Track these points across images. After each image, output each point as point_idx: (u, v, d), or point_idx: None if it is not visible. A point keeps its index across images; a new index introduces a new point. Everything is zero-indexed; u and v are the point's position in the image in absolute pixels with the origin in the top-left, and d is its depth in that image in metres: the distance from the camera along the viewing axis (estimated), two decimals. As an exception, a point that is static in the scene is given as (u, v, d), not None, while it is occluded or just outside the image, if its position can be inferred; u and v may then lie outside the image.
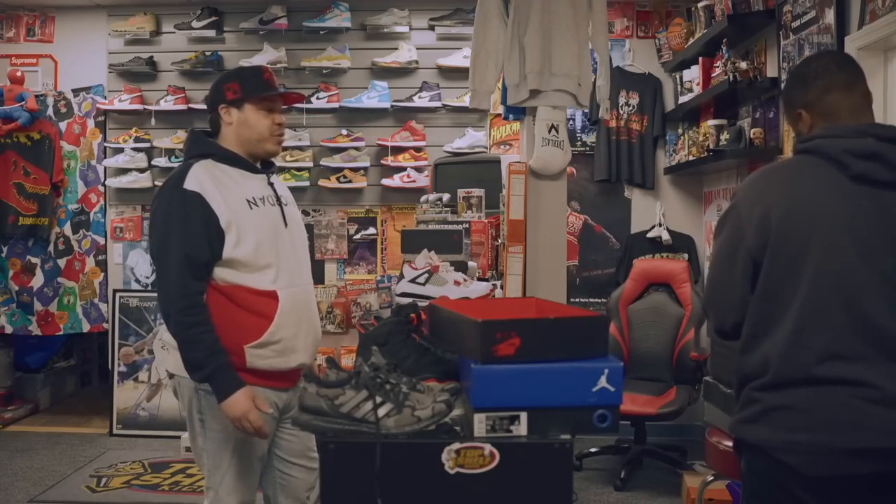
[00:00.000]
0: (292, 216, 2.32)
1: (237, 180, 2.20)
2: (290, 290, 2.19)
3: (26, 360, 5.42)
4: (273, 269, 2.16)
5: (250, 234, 2.13)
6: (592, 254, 5.01)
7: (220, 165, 2.20)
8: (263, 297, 2.13)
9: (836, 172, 1.65)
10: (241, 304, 2.12)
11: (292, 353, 2.19)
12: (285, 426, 2.30)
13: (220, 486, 2.20)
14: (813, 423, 1.57)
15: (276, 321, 2.13)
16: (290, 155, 4.95)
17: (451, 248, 2.88)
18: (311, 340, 2.27)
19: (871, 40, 2.82)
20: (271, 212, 2.23)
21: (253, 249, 2.12)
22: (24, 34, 5.22)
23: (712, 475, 2.92)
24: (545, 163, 2.80)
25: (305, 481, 2.36)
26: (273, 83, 2.28)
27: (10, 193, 4.99)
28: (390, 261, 5.04)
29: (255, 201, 2.19)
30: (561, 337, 1.59)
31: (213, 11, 5.01)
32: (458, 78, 4.90)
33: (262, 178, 2.28)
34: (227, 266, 2.12)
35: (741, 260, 1.69)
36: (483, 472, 1.54)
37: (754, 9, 3.75)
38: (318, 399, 1.59)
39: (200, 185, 2.12)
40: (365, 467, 1.53)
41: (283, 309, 2.14)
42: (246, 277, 2.13)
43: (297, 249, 2.29)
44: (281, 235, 2.22)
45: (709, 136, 4.13)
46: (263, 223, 2.17)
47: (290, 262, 2.22)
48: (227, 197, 2.13)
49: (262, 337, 2.12)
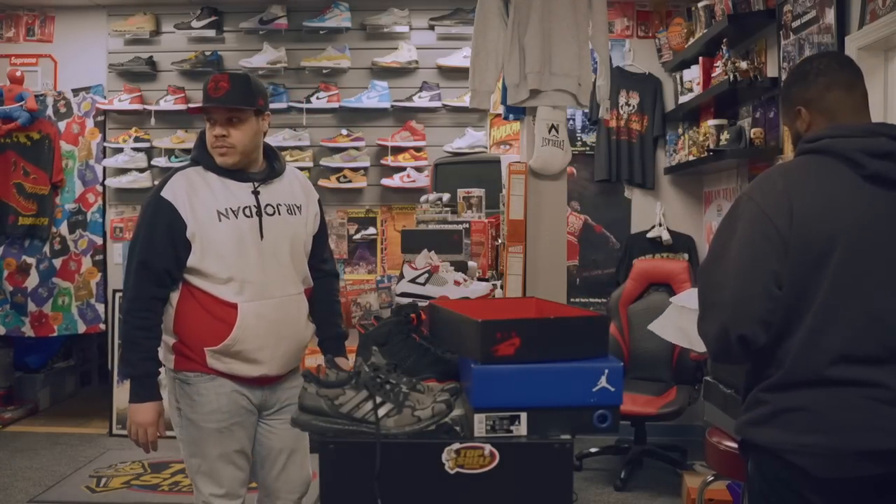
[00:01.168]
0: (275, 227, 2.24)
1: (216, 190, 2.20)
2: (256, 303, 2.17)
3: (26, 361, 5.42)
4: (236, 282, 2.16)
5: (211, 248, 2.15)
6: (592, 254, 5.01)
7: (205, 173, 2.22)
8: (226, 307, 2.16)
9: (849, 172, 1.62)
10: (206, 308, 2.17)
11: (256, 364, 2.20)
12: (266, 423, 2.33)
13: (196, 475, 2.25)
14: (824, 425, 1.56)
15: (234, 334, 2.15)
16: (290, 155, 4.95)
17: (451, 248, 2.88)
18: (281, 352, 2.25)
19: (871, 40, 2.82)
20: (244, 224, 2.19)
21: (214, 263, 2.15)
22: (23, 34, 5.22)
23: (712, 475, 2.92)
24: (545, 163, 2.80)
25: (288, 481, 2.35)
26: (210, 93, 2.19)
27: (9, 193, 4.98)
28: (390, 261, 5.04)
29: (227, 213, 2.18)
30: (561, 337, 1.59)
31: (212, 11, 5.01)
32: (458, 78, 4.90)
33: (248, 187, 2.24)
34: (194, 274, 2.17)
35: (776, 252, 1.57)
36: (483, 472, 1.54)
37: (754, 9, 3.75)
38: (318, 399, 1.59)
39: (174, 193, 2.17)
40: (365, 467, 1.53)
41: (243, 323, 2.15)
42: (211, 287, 2.17)
43: (277, 261, 2.24)
44: (250, 248, 2.19)
45: (709, 136, 4.13)
46: (230, 236, 2.16)
47: (260, 275, 2.19)
48: (198, 207, 2.16)
49: (220, 345, 2.16)
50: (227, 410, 2.20)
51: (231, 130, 2.19)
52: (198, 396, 2.21)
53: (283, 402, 2.32)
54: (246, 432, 2.26)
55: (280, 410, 2.32)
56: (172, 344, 2.22)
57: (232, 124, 2.19)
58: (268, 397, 2.29)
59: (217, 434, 2.21)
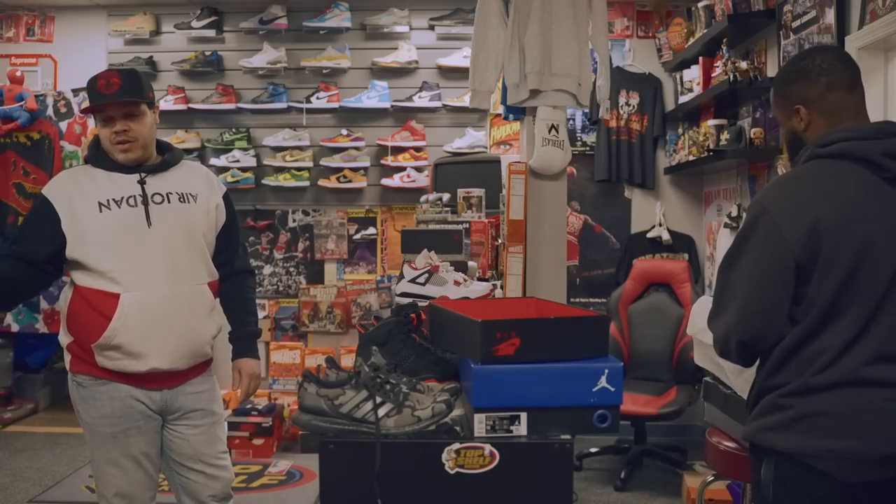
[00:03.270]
0: (164, 215, 2.21)
1: (100, 183, 2.20)
2: (140, 293, 2.13)
3: (26, 360, 5.41)
4: (116, 272, 2.14)
5: (90, 238, 2.15)
6: (592, 254, 5.01)
7: (91, 169, 2.24)
8: (106, 298, 2.14)
9: (870, 175, 1.60)
10: (90, 304, 2.16)
11: (143, 357, 2.15)
12: (172, 428, 2.29)
13: (97, 478, 2.26)
14: (848, 429, 1.54)
15: (113, 324, 2.11)
16: (290, 155, 4.95)
17: (451, 248, 2.88)
18: (172, 346, 2.18)
19: (871, 40, 2.82)
20: (128, 213, 2.17)
21: (93, 253, 2.14)
22: (23, 34, 5.22)
23: (712, 475, 2.91)
24: (545, 163, 2.80)
25: (206, 486, 2.33)
26: (102, 90, 2.17)
27: (9, 193, 4.98)
28: (390, 261, 5.04)
29: (108, 203, 2.17)
30: (561, 337, 1.59)
31: (212, 11, 5.01)
32: (458, 78, 4.90)
33: (134, 178, 2.22)
34: (74, 267, 2.18)
35: (784, 275, 1.59)
36: (483, 472, 1.54)
37: (754, 9, 3.75)
38: (318, 399, 1.60)
39: (52, 189, 2.21)
40: (365, 467, 1.53)
41: (123, 312, 2.11)
42: (91, 280, 2.16)
43: (169, 250, 2.20)
44: (135, 237, 2.17)
45: (709, 136, 4.13)
46: (110, 226, 2.15)
47: (147, 264, 2.16)
48: (77, 201, 2.17)
49: (100, 339, 2.12)
50: (122, 415, 2.18)
51: (130, 124, 2.18)
52: (92, 400, 2.20)
53: (188, 408, 2.28)
54: (145, 437, 2.22)
55: (186, 415, 2.28)
56: (67, 344, 2.23)
57: (131, 118, 2.19)
58: (169, 401, 2.25)
59: (111, 439, 2.19)
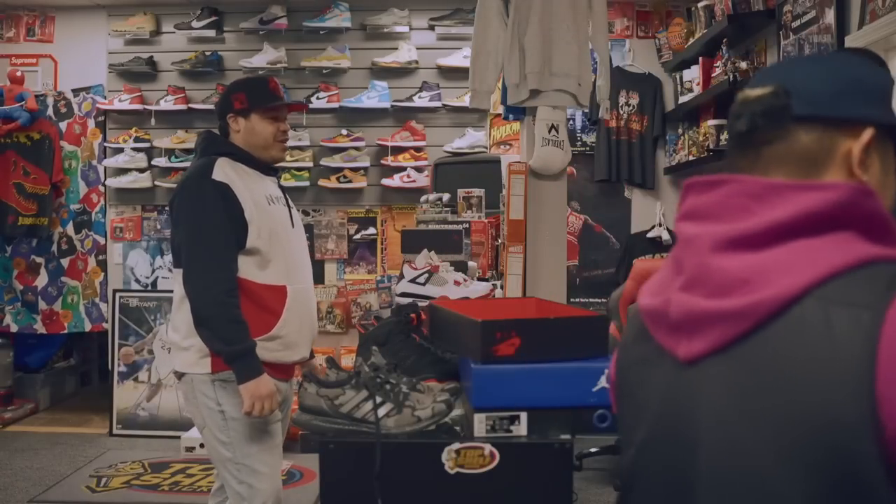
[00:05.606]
0: (297, 218, 2.46)
1: (255, 178, 2.32)
2: (296, 287, 2.31)
3: (26, 360, 5.41)
4: (283, 264, 2.27)
5: (267, 228, 2.24)
6: (592, 254, 5.01)
7: (237, 164, 2.30)
8: (273, 292, 2.24)
9: None
10: (252, 299, 2.21)
11: (296, 347, 2.32)
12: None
13: (251, 478, 2.21)
14: None
15: (285, 316, 2.24)
16: (290, 155, 4.94)
17: (451, 248, 2.88)
18: (310, 336, 2.41)
19: (871, 40, 2.82)
20: (282, 212, 2.36)
21: (269, 242, 2.24)
22: (23, 34, 5.22)
23: (712, 475, 2.91)
24: (545, 163, 2.80)
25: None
26: (278, 93, 2.39)
27: (9, 193, 4.98)
28: (390, 261, 5.04)
29: (270, 199, 2.32)
30: (561, 337, 1.60)
31: (213, 11, 5.01)
32: (458, 78, 4.89)
33: (273, 180, 2.41)
34: (244, 256, 2.21)
35: None
36: (483, 472, 1.54)
37: (754, 9, 3.75)
38: (318, 399, 1.60)
39: (227, 176, 2.23)
40: (365, 467, 1.53)
41: (290, 304, 2.26)
42: (258, 273, 2.23)
43: (301, 250, 2.43)
44: (289, 235, 2.35)
45: (709, 136, 4.13)
46: (277, 220, 2.31)
47: (296, 260, 2.35)
48: (252, 190, 2.25)
49: (272, 331, 2.22)
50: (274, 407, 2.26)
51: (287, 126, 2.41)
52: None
53: (289, 400, 2.43)
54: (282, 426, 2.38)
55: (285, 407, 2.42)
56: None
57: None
58: (286, 392, 2.39)
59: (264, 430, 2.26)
